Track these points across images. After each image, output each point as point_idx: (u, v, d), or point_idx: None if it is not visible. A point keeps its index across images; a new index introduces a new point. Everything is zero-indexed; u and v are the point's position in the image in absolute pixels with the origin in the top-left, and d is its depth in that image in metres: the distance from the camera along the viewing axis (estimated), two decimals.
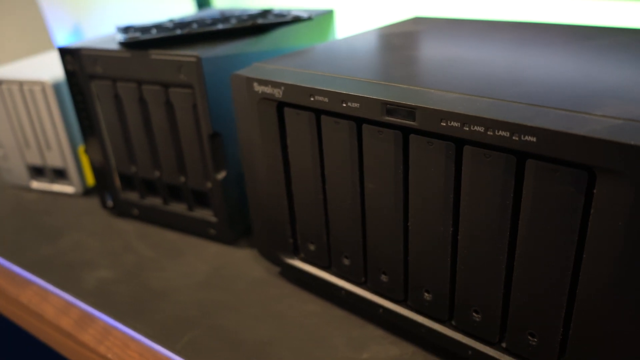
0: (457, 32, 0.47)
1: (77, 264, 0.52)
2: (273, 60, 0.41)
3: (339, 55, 0.41)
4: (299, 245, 0.44)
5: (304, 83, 0.36)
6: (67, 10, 1.28)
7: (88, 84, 0.53)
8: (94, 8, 1.49)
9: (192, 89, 0.47)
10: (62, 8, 1.13)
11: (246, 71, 0.40)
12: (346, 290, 0.41)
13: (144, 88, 0.49)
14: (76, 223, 0.59)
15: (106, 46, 0.50)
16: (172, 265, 0.50)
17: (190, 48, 0.46)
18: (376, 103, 0.32)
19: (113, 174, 0.57)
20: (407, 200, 0.34)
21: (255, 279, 0.48)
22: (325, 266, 0.43)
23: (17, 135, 0.64)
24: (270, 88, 0.38)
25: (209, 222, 0.52)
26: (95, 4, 1.47)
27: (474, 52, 0.39)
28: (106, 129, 0.55)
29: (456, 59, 0.37)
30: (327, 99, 0.35)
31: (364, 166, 0.35)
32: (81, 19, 1.50)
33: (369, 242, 0.38)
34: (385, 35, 0.47)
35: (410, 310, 0.38)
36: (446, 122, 0.29)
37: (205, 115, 0.47)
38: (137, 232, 0.57)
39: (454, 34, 0.46)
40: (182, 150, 0.51)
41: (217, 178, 0.49)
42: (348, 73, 0.36)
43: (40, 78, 0.59)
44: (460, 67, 0.35)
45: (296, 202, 0.42)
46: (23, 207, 0.63)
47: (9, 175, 0.68)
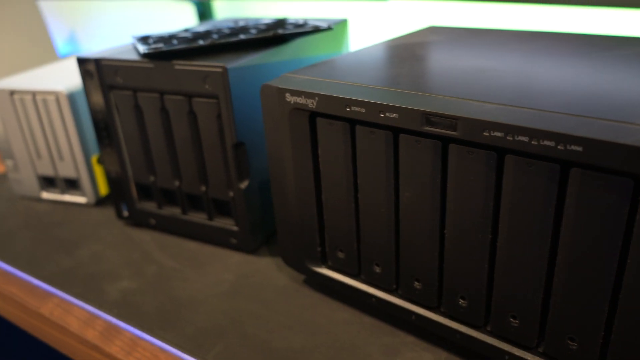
0: (478, 41, 0.48)
1: (97, 275, 0.51)
2: (301, 70, 0.42)
3: (367, 65, 0.42)
4: (327, 254, 0.44)
5: (339, 94, 0.36)
6: (63, 19, 1.28)
7: (107, 94, 0.53)
8: (89, 17, 1.48)
9: (216, 99, 0.47)
10: (59, 17, 1.12)
11: (277, 82, 0.40)
12: (377, 297, 0.41)
13: (166, 98, 0.49)
14: (92, 234, 0.59)
15: (127, 57, 0.50)
16: (195, 275, 0.50)
17: (214, 59, 0.47)
18: (416, 113, 0.33)
19: (130, 184, 0.57)
20: (444, 208, 0.35)
21: (281, 287, 0.48)
22: (355, 274, 0.43)
23: (28, 146, 0.64)
24: (304, 99, 0.38)
25: (230, 232, 0.52)
26: (91, 13, 1.47)
27: (502, 62, 0.40)
28: (124, 139, 0.55)
29: (487, 69, 0.38)
30: (364, 109, 0.35)
31: (399, 175, 0.36)
32: (76, 28, 1.50)
33: (402, 250, 0.38)
34: (407, 45, 0.48)
35: (443, 316, 0.38)
36: (489, 132, 0.30)
37: (230, 125, 0.47)
38: (156, 242, 0.56)
39: (476, 44, 0.47)
40: (204, 160, 0.51)
41: (240, 187, 0.49)
42: (382, 84, 0.36)
43: (54, 88, 0.59)
44: (493, 78, 0.36)
45: (326, 210, 0.42)
46: (36, 219, 0.63)
47: (19, 186, 0.67)
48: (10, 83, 0.62)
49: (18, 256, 0.55)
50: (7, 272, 0.54)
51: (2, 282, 0.52)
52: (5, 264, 0.54)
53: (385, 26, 0.99)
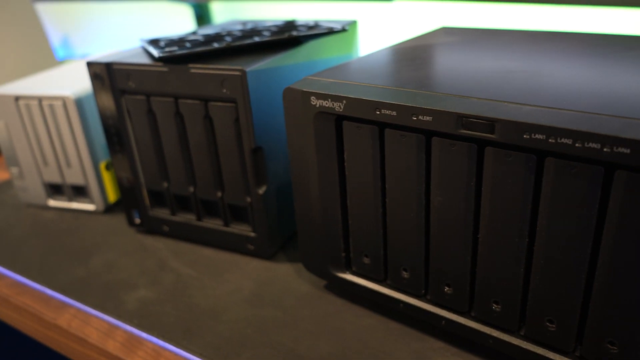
0: (496, 42, 0.47)
1: (113, 284, 0.50)
2: (323, 73, 0.41)
3: (390, 67, 0.41)
4: (352, 259, 0.43)
5: (368, 97, 0.36)
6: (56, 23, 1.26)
7: (118, 99, 0.51)
8: (83, 20, 1.46)
9: (234, 103, 0.46)
10: (52, 20, 1.11)
11: (300, 85, 0.39)
12: (405, 303, 0.41)
13: (181, 102, 0.48)
14: (104, 242, 0.58)
15: (139, 60, 0.49)
16: (214, 282, 0.49)
17: (231, 62, 0.46)
18: (451, 116, 0.32)
19: (142, 191, 0.56)
20: (479, 212, 0.34)
21: (303, 293, 0.47)
22: (381, 279, 0.42)
23: (34, 153, 0.62)
24: (330, 102, 0.37)
25: (247, 238, 0.52)
26: (85, 17, 1.45)
27: (527, 62, 0.39)
28: (136, 144, 0.53)
29: (514, 70, 0.38)
30: (396, 112, 0.34)
31: (431, 178, 0.35)
32: (70, 31, 1.48)
33: (432, 255, 0.38)
34: (426, 46, 0.48)
35: (475, 321, 0.38)
36: (529, 135, 0.30)
37: (249, 129, 0.46)
38: (170, 249, 0.55)
39: (494, 44, 0.46)
40: (220, 165, 0.50)
41: (258, 192, 0.49)
42: (411, 86, 0.36)
43: (61, 93, 0.58)
44: (524, 79, 0.35)
45: (351, 216, 0.41)
46: (44, 227, 0.61)
47: (24, 194, 0.66)
48: (15, 88, 0.61)
49: (29, 266, 0.54)
50: (19, 283, 0.52)
51: (15, 293, 0.51)
52: (16, 274, 0.53)
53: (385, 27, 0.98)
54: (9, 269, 0.54)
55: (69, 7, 1.45)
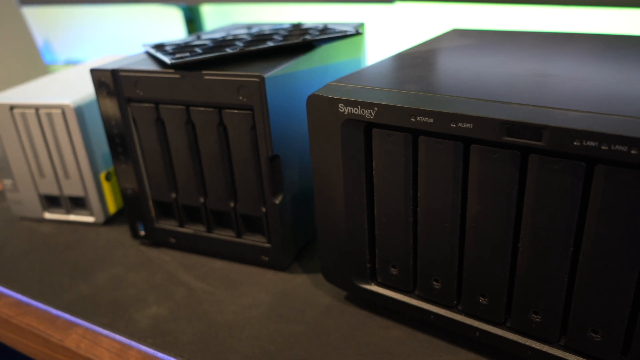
0: (515, 45, 0.47)
1: (122, 301, 0.48)
2: (347, 79, 0.40)
3: (415, 72, 0.40)
4: (378, 270, 0.42)
5: (402, 103, 0.34)
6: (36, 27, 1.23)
7: (124, 107, 0.49)
8: (63, 25, 1.42)
9: (251, 110, 0.44)
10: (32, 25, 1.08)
11: (326, 92, 0.38)
12: (435, 314, 0.40)
13: (193, 110, 0.46)
14: (107, 256, 0.55)
15: (148, 67, 0.47)
16: (229, 296, 0.48)
17: (245, 67, 0.44)
18: (495, 123, 0.31)
19: (147, 202, 0.53)
20: (519, 221, 0.33)
21: (324, 306, 0.45)
22: (409, 290, 0.41)
23: (30, 164, 0.60)
24: (360, 109, 0.36)
25: (261, 249, 0.50)
26: (64, 21, 1.41)
27: (557, 66, 0.39)
28: (142, 154, 0.51)
29: (546, 74, 0.37)
30: (433, 119, 0.33)
31: (468, 187, 0.34)
32: (51, 36, 1.43)
33: (466, 265, 0.37)
34: (445, 49, 0.47)
35: (511, 332, 0.37)
36: (580, 142, 0.29)
37: (267, 137, 0.44)
38: (178, 262, 0.53)
39: (515, 47, 0.45)
40: (234, 175, 0.48)
41: (274, 202, 0.47)
42: (446, 92, 0.35)
43: (60, 101, 0.55)
44: (560, 83, 0.35)
45: (378, 226, 0.40)
46: (41, 241, 0.59)
47: (18, 207, 0.63)
48: (9, 97, 0.58)
49: (29, 284, 0.51)
50: (19, 302, 0.50)
51: (16, 313, 0.48)
52: (16, 293, 0.50)
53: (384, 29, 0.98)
54: (7, 287, 0.51)
55: (49, 10, 1.41)
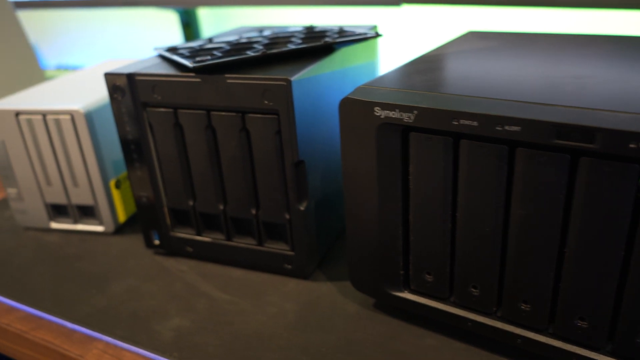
0: (539, 46, 0.46)
1: (141, 313, 0.46)
2: (377, 82, 0.39)
3: (450, 74, 0.39)
4: (411, 277, 0.41)
5: (444, 106, 0.33)
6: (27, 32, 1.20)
7: (140, 113, 0.48)
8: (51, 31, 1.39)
9: (276, 114, 0.43)
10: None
11: (359, 95, 0.37)
12: (473, 321, 0.39)
13: (214, 115, 0.45)
14: (120, 266, 0.53)
15: (166, 71, 0.46)
16: (253, 306, 0.46)
17: (268, 71, 0.43)
18: (545, 125, 0.30)
19: (163, 210, 0.52)
20: (566, 226, 0.33)
21: (353, 314, 0.44)
22: (444, 297, 0.40)
23: (36, 173, 0.58)
24: (398, 112, 0.35)
25: (284, 256, 0.49)
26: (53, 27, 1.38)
27: (590, 67, 0.38)
28: (158, 161, 0.50)
29: (582, 75, 0.36)
30: (477, 122, 0.32)
31: (512, 191, 0.33)
32: (39, 41, 1.40)
33: (507, 271, 0.36)
34: (471, 51, 0.46)
35: (555, 338, 0.36)
36: (636, 144, 0.28)
37: (292, 142, 0.43)
38: (196, 271, 0.52)
39: (540, 49, 0.45)
40: (256, 181, 0.47)
41: (299, 208, 0.46)
42: (489, 94, 0.34)
43: (68, 107, 0.53)
44: (598, 84, 0.34)
45: (413, 232, 0.39)
46: (50, 252, 0.57)
47: (22, 217, 0.61)
48: (14, 103, 0.56)
49: (41, 296, 0.49)
50: (32, 316, 0.48)
51: (30, 328, 0.46)
52: (27, 307, 0.48)
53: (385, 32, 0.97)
54: (17, 300, 0.49)
55: (38, 15, 1.38)
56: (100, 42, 1.35)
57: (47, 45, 1.42)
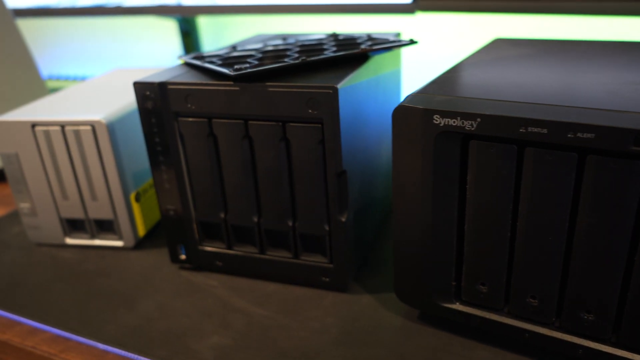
0: (575, 53, 0.46)
1: (176, 331, 0.44)
2: (429, 88, 0.38)
3: (505, 81, 0.38)
4: (463, 288, 0.40)
5: (510, 113, 0.33)
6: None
7: (171, 123, 0.46)
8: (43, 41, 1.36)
9: (320, 123, 0.42)
10: None
11: (416, 103, 0.36)
12: (531, 332, 0.38)
13: (252, 125, 0.44)
14: (145, 282, 0.51)
15: (201, 79, 0.44)
16: (293, 322, 0.45)
17: (311, 79, 0.42)
18: (622, 133, 0.30)
19: (192, 223, 0.50)
20: (637, 234, 0.32)
21: (399, 328, 0.43)
22: (499, 308, 0.39)
23: (52, 187, 0.55)
24: (459, 120, 0.34)
25: (322, 269, 0.47)
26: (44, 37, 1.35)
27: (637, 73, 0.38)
28: (188, 172, 0.48)
29: (636, 81, 0.36)
30: (547, 130, 0.32)
31: (580, 199, 0.33)
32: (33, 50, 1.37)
33: (571, 280, 0.35)
34: (512, 57, 0.46)
35: (620, 348, 0.35)
36: None
37: (336, 152, 0.42)
38: (227, 286, 0.50)
39: (578, 56, 0.45)
40: (294, 191, 0.45)
41: (340, 220, 0.44)
42: (554, 101, 0.33)
43: (90, 117, 0.51)
44: None
45: (468, 242, 0.38)
46: (67, 269, 0.54)
47: (35, 233, 0.58)
48: (29, 113, 0.54)
49: (65, 316, 0.47)
50: (59, 337, 0.45)
51: (59, 350, 0.44)
52: (52, 328, 0.46)
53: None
54: (40, 321, 0.47)
55: (29, 25, 1.35)
56: (92, 52, 1.32)
57: (38, 56, 1.38)
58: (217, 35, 1.12)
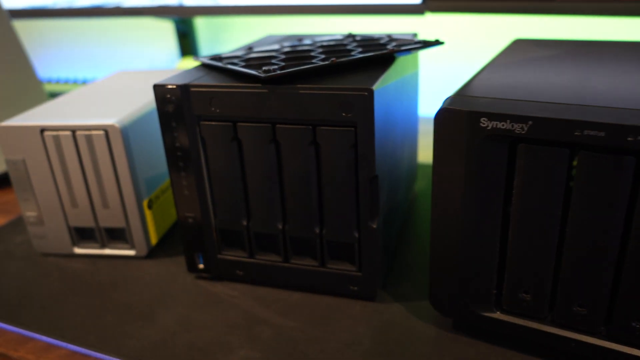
0: (605, 54, 0.45)
1: (201, 345, 0.42)
2: (468, 90, 0.37)
3: (548, 83, 0.37)
4: (505, 296, 0.39)
5: (566, 116, 0.32)
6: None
7: (193, 127, 0.44)
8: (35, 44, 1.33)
9: (353, 127, 0.40)
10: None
11: (460, 105, 0.35)
12: (578, 341, 0.37)
13: (280, 128, 0.42)
14: (163, 293, 0.49)
15: (227, 82, 0.42)
16: (323, 333, 0.43)
17: (342, 80, 0.40)
18: None
19: (211, 231, 0.48)
20: None
21: (433, 338, 0.42)
22: (542, 317, 0.38)
23: (61, 194, 0.53)
24: (509, 123, 0.33)
25: (350, 277, 0.46)
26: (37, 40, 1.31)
27: None
28: (209, 178, 0.46)
29: None
30: (605, 132, 0.31)
31: (636, 204, 0.32)
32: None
33: (622, 288, 0.34)
34: (543, 59, 0.45)
35: None
36: None
37: (370, 156, 0.40)
38: (250, 296, 0.48)
39: (608, 57, 0.44)
40: (323, 197, 0.44)
41: (371, 226, 0.43)
42: (608, 103, 0.32)
43: (103, 122, 0.49)
44: None
45: (512, 249, 0.37)
46: (79, 281, 0.52)
47: (41, 242, 0.56)
48: (37, 117, 0.51)
49: (81, 331, 0.45)
50: (78, 355, 0.43)
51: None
52: (68, 344, 0.44)
53: None
54: (55, 337, 0.44)
55: (21, 27, 1.31)
56: (85, 55, 1.29)
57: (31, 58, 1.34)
58: (215, 38, 1.10)
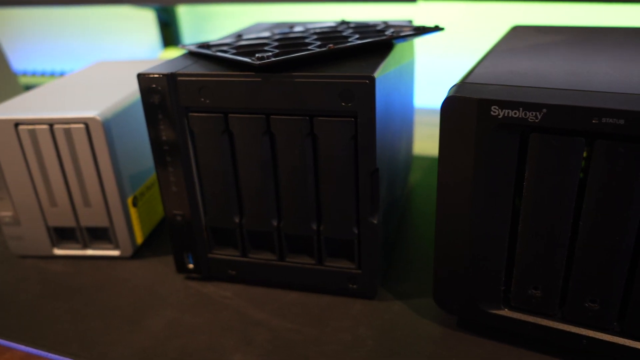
0: (609, 41, 0.44)
1: (195, 351, 0.40)
2: (476, 78, 0.35)
3: (557, 70, 0.36)
4: (514, 293, 0.37)
5: (583, 103, 0.30)
6: None
7: (181, 119, 0.41)
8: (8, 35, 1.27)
9: (353, 117, 0.38)
10: None
11: (469, 93, 0.33)
12: (590, 338, 0.35)
13: (275, 119, 0.40)
14: (151, 296, 0.46)
15: (218, 70, 0.40)
16: (322, 334, 0.41)
17: (341, 68, 0.38)
18: None
19: (201, 229, 0.45)
20: None
21: (438, 336, 0.40)
22: (552, 313, 0.37)
23: (38, 193, 0.49)
24: (522, 111, 0.31)
25: (349, 275, 0.44)
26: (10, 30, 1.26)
27: None
28: (199, 174, 0.43)
29: None
30: (624, 120, 0.29)
31: None
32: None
33: (636, 283, 0.33)
34: (549, 45, 0.43)
35: None
36: None
37: (371, 148, 0.38)
38: (243, 297, 0.46)
39: (613, 43, 0.43)
40: (320, 192, 0.41)
41: (372, 222, 0.41)
42: (628, 89, 0.31)
43: (83, 114, 0.46)
44: None
45: (522, 243, 0.35)
46: (60, 284, 0.49)
47: (17, 244, 0.52)
48: (11, 111, 0.48)
49: (63, 339, 0.42)
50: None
51: None
52: (50, 354, 0.41)
53: None
54: (35, 346, 0.41)
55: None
56: (61, 46, 1.24)
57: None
58: (198, 27, 1.06)
